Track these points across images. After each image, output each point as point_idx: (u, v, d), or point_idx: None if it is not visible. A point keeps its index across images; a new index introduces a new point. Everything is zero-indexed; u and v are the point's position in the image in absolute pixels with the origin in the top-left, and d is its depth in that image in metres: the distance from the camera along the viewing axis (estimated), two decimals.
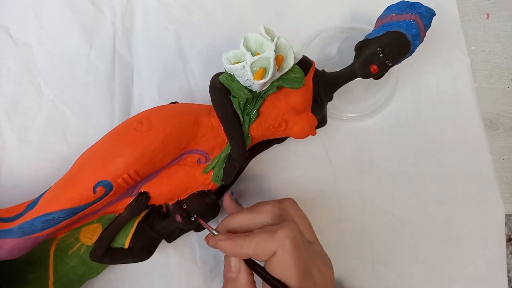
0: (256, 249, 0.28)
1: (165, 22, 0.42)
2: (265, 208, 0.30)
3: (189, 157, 0.33)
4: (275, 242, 0.27)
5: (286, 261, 0.27)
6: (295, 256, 0.27)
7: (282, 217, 0.30)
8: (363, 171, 0.42)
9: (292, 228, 0.28)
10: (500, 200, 0.42)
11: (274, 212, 0.30)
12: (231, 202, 0.34)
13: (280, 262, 0.27)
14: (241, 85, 0.30)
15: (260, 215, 0.30)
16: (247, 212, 0.31)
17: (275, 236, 0.27)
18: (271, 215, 0.30)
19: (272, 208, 0.30)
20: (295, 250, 0.27)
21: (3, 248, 0.29)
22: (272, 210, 0.30)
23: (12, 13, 0.41)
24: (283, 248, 0.27)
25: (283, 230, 0.27)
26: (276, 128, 0.33)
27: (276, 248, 0.27)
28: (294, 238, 0.27)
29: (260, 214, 0.30)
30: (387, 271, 0.40)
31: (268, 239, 0.28)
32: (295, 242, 0.27)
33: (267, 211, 0.30)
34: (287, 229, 0.28)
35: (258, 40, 0.30)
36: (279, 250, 0.27)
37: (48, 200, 0.30)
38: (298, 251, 0.27)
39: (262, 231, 0.29)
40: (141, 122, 0.31)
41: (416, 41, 0.33)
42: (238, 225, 0.31)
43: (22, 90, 0.39)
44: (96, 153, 0.31)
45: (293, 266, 0.27)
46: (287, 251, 0.27)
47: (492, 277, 0.41)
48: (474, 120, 0.43)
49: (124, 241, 0.33)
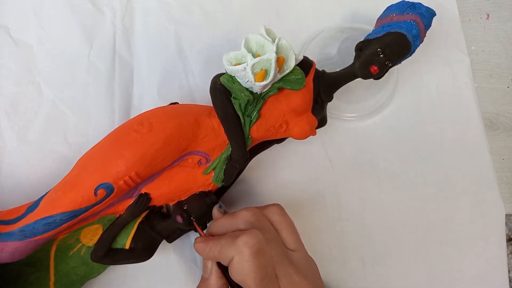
0: (220, 253, 0.29)
1: (165, 22, 0.42)
2: (241, 214, 0.31)
3: (190, 158, 0.33)
4: (234, 248, 0.28)
5: (243, 268, 0.27)
6: (252, 264, 0.27)
7: (254, 224, 0.30)
8: (363, 171, 0.42)
9: (253, 235, 0.28)
10: (500, 200, 0.42)
11: (247, 218, 0.30)
12: (218, 215, 0.34)
13: (236, 268, 0.28)
14: (242, 86, 0.30)
15: (235, 220, 0.31)
16: (227, 216, 0.32)
17: (235, 242, 0.28)
18: (243, 220, 0.30)
19: (247, 214, 0.31)
20: (253, 257, 0.27)
21: (5, 251, 0.29)
22: (246, 215, 0.31)
23: (12, 13, 0.41)
24: (240, 255, 0.27)
25: (243, 237, 0.28)
26: (276, 129, 0.33)
27: (234, 254, 0.28)
28: (253, 246, 0.27)
29: (235, 219, 0.31)
30: (387, 271, 0.40)
31: (229, 245, 0.28)
32: (253, 249, 0.27)
33: (242, 217, 0.31)
34: (247, 236, 0.28)
35: (259, 41, 0.30)
36: (236, 256, 0.28)
37: (49, 203, 0.30)
38: (256, 259, 0.27)
39: (227, 236, 0.29)
40: (142, 123, 0.31)
41: (417, 42, 0.33)
42: (217, 229, 0.32)
43: (22, 90, 0.39)
44: (97, 155, 0.31)
45: (249, 274, 0.27)
46: (244, 258, 0.27)
47: (492, 277, 0.41)
48: (474, 120, 0.43)
49: (125, 242, 0.33)
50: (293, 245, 0.31)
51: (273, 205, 0.33)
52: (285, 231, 0.31)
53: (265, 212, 0.32)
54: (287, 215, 0.33)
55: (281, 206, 0.33)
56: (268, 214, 0.32)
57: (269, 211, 0.32)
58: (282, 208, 0.33)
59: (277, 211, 0.32)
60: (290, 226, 0.32)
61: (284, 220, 0.32)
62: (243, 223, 0.30)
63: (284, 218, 0.32)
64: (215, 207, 0.34)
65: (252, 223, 0.30)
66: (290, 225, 0.32)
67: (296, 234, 0.32)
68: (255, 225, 0.30)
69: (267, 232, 0.30)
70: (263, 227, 0.30)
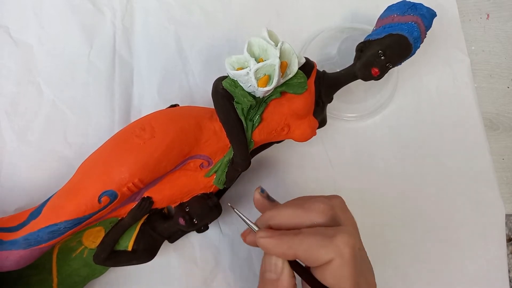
0: (308, 252, 0.25)
1: (165, 22, 0.42)
2: (316, 206, 0.27)
3: (192, 162, 0.33)
4: (333, 249, 0.24)
5: (343, 272, 0.24)
6: (353, 268, 0.24)
7: (335, 219, 0.27)
8: (363, 171, 0.42)
9: (352, 234, 0.25)
10: (500, 200, 0.42)
11: (326, 212, 0.27)
12: (262, 200, 0.31)
13: (335, 272, 0.25)
14: (244, 91, 0.30)
15: (311, 213, 0.27)
16: (295, 207, 0.28)
17: (333, 242, 0.25)
18: (323, 214, 0.27)
19: (325, 207, 0.27)
20: (354, 260, 0.25)
21: (9, 259, 0.29)
22: (324, 209, 0.27)
23: (12, 13, 0.41)
24: (341, 258, 0.24)
25: (343, 237, 0.25)
26: (278, 132, 0.33)
27: (333, 256, 0.24)
28: (354, 247, 0.25)
29: (310, 212, 0.27)
30: (387, 271, 0.40)
31: (324, 244, 0.25)
32: (354, 251, 0.25)
33: (319, 210, 0.27)
34: (347, 235, 0.25)
35: (261, 45, 0.29)
36: (337, 258, 0.24)
37: (53, 210, 0.30)
38: (355, 262, 0.25)
39: (316, 233, 0.26)
40: (144, 128, 0.31)
41: (417, 44, 0.33)
42: (283, 222, 0.28)
43: (22, 90, 0.39)
44: (99, 161, 0.31)
45: (349, 278, 0.24)
46: (346, 261, 0.24)
47: (492, 277, 0.41)
48: (474, 120, 0.43)
49: (128, 244, 0.33)
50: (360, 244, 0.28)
51: (336, 197, 0.29)
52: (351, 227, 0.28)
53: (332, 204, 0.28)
54: (349, 210, 0.30)
55: (343, 199, 0.30)
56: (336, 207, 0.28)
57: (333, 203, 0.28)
58: (344, 201, 0.29)
59: (340, 205, 0.29)
60: (354, 223, 0.29)
61: (349, 216, 0.29)
62: (323, 218, 0.27)
63: (348, 214, 0.29)
64: (256, 191, 0.31)
65: (334, 219, 0.27)
66: (353, 221, 0.29)
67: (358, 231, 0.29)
68: (337, 221, 0.27)
69: None
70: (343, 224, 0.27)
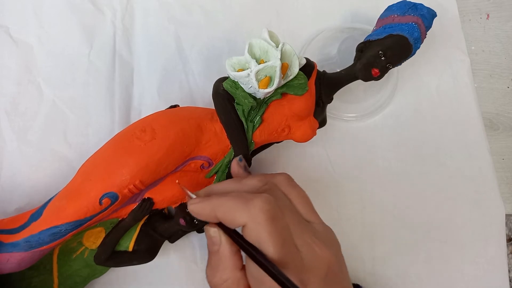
0: (226, 213, 0.26)
1: (165, 22, 0.42)
2: (250, 181, 0.28)
3: (193, 163, 0.33)
4: (245, 213, 0.25)
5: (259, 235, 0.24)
6: (270, 230, 0.24)
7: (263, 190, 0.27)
8: (363, 171, 0.42)
9: (268, 200, 0.25)
10: (500, 200, 0.42)
11: (255, 184, 0.28)
12: (238, 169, 0.31)
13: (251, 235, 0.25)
14: (245, 92, 0.30)
15: (243, 186, 0.28)
16: (232, 181, 0.29)
17: (247, 206, 0.25)
18: (250, 186, 0.28)
19: (258, 182, 0.28)
20: (270, 223, 0.24)
21: (11, 262, 0.29)
22: (256, 183, 0.28)
23: (12, 13, 0.41)
24: (254, 221, 0.24)
25: (256, 201, 0.25)
26: (279, 133, 0.33)
27: (246, 219, 0.25)
28: (268, 211, 0.25)
29: (243, 185, 0.28)
30: (387, 271, 0.40)
31: (239, 207, 0.25)
32: (269, 215, 0.24)
33: (251, 184, 0.28)
34: (261, 200, 0.25)
35: (262, 46, 0.29)
36: (249, 222, 0.25)
37: (54, 213, 0.30)
38: (274, 225, 0.24)
39: (237, 197, 0.26)
40: (144, 130, 0.30)
41: (418, 44, 0.34)
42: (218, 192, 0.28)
43: (22, 90, 0.39)
44: (100, 163, 0.31)
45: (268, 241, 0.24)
46: (259, 224, 0.24)
47: (492, 277, 0.41)
48: (474, 120, 0.43)
49: (128, 244, 0.33)
50: (308, 216, 0.28)
51: (280, 174, 0.30)
52: (297, 201, 0.28)
53: (274, 181, 0.29)
54: (298, 185, 0.30)
55: (289, 176, 0.30)
56: (277, 183, 0.29)
57: (277, 180, 0.29)
58: (290, 177, 0.30)
59: (285, 181, 0.29)
60: (303, 197, 0.29)
61: (294, 191, 0.29)
62: (251, 189, 0.27)
63: (294, 188, 0.29)
64: (234, 160, 0.32)
65: (261, 190, 0.27)
66: (301, 196, 0.29)
67: (310, 205, 0.29)
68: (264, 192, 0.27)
69: (280, 200, 0.27)
70: (276, 195, 0.27)
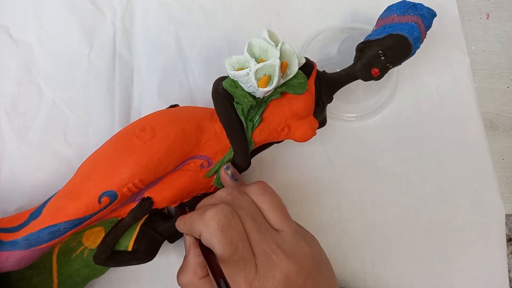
0: (190, 227, 0.29)
1: (165, 22, 0.42)
2: (220, 193, 0.31)
3: (193, 162, 0.33)
4: (201, 223, 0.27)
5: (210, 243, 0.27)
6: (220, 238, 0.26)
7: (228, 202, 0.29)
8: (363, 171, 0.42)
9: (220, 210, 0.27)
10: (500, 200, 0.42)
11: (222, 197, 0.30)
12: (225, 177, 0.33)
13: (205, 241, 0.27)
14: (244, 91, 0.30)
15: (212, 200, 0.31)
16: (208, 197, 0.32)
17: (202, 217, 0.27)
18: (218, 199, 0.30)
19: (223, 193, 0.30)
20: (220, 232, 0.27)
21: (10, 260, 0.29)
22: (221, 194, 0.30)
23: (12, 13, 0.41)
24: (207, 230, 0.27)
25: (210, 212, 0.27)
26: (278, 132, 0.33)
27: (201, 228, 0.27)
28: (220, 220, 0.27)
29: (212, 199, 0.31)
30: (387, 271, 0.40)
31: (197, 219, 0.28)
32: (220, 224, 0.27)
33: (218, 196, 0.30)
34: (213, 210, 0.27)
35: (262, 46, 0.29)
36: (203, 231, 0.27)
37: (53, 212, 0.30)
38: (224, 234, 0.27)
39: (197, 211, 0.29)
40: (144, 129, 0.31)
41: (418, 44, 0.34)
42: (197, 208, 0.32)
43: (22, 90, 0.39)
44: (99, 162, 0.31)
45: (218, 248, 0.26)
46: (210, 232, 0.27)
47: (492, 277, 0.41)
48: (474, 120, 0.43)
49: (128, 244, 0.33)
50: (277, 224, 0.29)
51: (254, 183, 0.31)
52: (267, 209, 0.29)
53: (246, 190, 0.30)
54: (271, 193, 0.30)
55: (264, 184, 0.31)
56: (249, 192, 0.30)
57: (249, 190, 0.30)
58: (264, 185, 0.31)
59: (257, 190, 0.30)
60: (273, 205, 0.30)
61: (264, 199, 0.30)
62: (217, 201, 0.30)
63: (265, 196, 0.30)
64: (222, 168, 0.33)
65: (226, 202, 0.29)
66: (272, 203, 0.30)
67: (280, 212, 0.30)
68: (229, 203, 0.29)
69: (243, 210, 0.29)
70: (238, 205, 0.29)
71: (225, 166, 0.33)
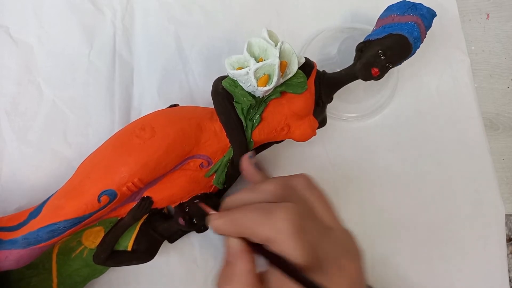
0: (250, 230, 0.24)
1: (165, 22, 0.42)
2: (265, 187, 0.26)
3: (192, 162, 0.33)
4: (269, 226, 0.23)
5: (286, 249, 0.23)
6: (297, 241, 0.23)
7: (285, 198, 0.25)
8: (363, 171, 0.42)
9: (291, 210, 0.24)
10: (500, 200, 0.42)
11: (272, 191, 0.26)
12: (249, 167, 0.29)
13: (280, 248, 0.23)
14: (244, 91, 0.30)
15: (261, 195, 0.26)
16: (247, 190, 0.28)
17: (270, 219, 0.23)
18: (268, 194, 0.26)
19: (275, 188, 0.26)
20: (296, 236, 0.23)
21: (9, 259, 0.29)
22: (273, 190, 0.26)
23: (12, 13, 0.41)
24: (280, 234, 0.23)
25: (278, 213, 0.23)
26: (278, 132, 0.33)
27: (272, 233, 0.23)
28: (294, 223, 0.23)
29: (260, 193, 0.26)
30: (387, 271, 0.40)
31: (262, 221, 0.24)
32: (295, 227, 0.23)
33: (267, 191, 0.26)
34: (283, 211, 0.23)
35: (261, 45, 0.30)
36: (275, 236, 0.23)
37: (52, 210, 0.30)
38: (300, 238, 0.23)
39: (258, 209, 0.24)
40: (144, 129, 0.31)
41: (417, 44, 0.34)
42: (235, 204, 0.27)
43: (22, 90, 0.39)
44: (99, 161, 0.31)
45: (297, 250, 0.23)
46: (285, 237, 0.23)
47: (492, 277, 0.41)
48: (474, 120, 0.43)
49: (128, 244, 0.33)
50: (329, 222, 0.26)
51: (298, 176, 0.28)
52: (318, 206, 0.26)
53: (293, 184, 0.27)
54: (320, 187, 0.27)
55: (309, 177, 0.28)
56: (297, 187, 0.27)
57: (297, 184, 0.27)
58: (309, 179, 0.28)
59: (304, 183, 0.27)
60: (323, 201, 0.27)
61: (314, 194, 0.27)
62: (270, 197, 0.26)
63: (313, 191, 0.27)
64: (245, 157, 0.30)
65: (284, 198, 0.25)
66: (321, 199, 0.27)
67: (332, 210, 0.27)
68: (287, 200, 0.25)
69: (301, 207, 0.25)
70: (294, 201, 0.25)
71: (248, 155, 0.30)
